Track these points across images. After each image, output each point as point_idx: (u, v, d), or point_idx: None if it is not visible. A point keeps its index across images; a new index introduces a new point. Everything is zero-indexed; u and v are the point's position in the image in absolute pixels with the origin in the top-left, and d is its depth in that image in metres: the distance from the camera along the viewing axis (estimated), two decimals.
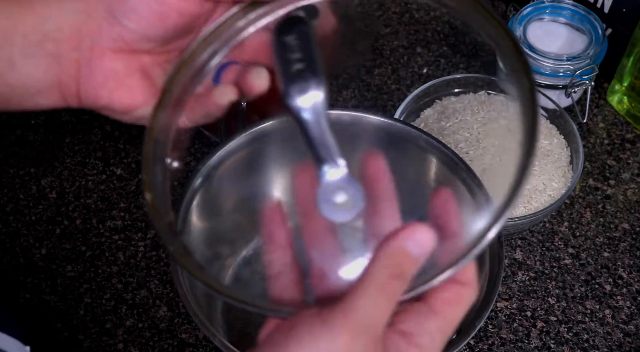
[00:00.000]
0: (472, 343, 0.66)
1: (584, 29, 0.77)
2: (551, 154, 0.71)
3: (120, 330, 0.66)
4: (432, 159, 0.63)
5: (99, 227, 0.72)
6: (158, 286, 0.68)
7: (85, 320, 0.67)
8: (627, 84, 0.78)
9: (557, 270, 0.70)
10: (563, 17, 0.78)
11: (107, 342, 0.66)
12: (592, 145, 0.78)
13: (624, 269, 0.70)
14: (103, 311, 0.67)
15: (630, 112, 0.79)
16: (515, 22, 0.77)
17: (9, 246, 0.70)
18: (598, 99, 0.82)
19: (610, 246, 0.72)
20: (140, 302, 0.68)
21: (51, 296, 0.68)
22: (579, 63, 0.74)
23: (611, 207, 0.74)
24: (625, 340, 0.67)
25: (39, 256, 0.70)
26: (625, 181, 0.76)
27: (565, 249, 0.72)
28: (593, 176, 0.76)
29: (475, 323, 0.54)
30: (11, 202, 0.73)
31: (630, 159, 0.77)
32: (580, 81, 0.75)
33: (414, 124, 0.74)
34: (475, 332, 0.55)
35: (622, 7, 0.76)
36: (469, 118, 0.73)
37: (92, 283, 0.69)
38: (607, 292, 0.69)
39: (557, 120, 0.73)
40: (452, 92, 0.76)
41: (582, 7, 0.77)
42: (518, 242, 0.72)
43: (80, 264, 0.70)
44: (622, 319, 0.68)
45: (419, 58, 0.85)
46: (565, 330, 0.67)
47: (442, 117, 0.74)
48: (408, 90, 0.81)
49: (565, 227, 0.73)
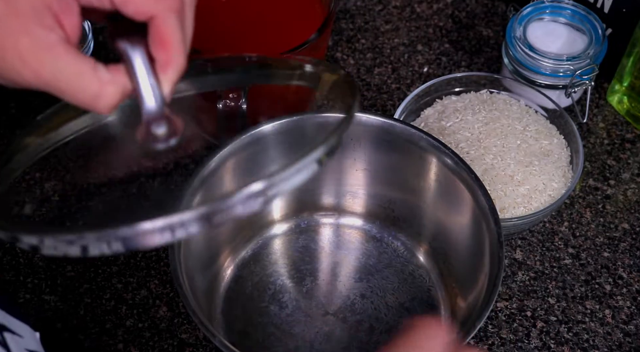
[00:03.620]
0: (472, 343, 0.66)
1: (584, 29, 0.77)
2: (551, 154, 0.71)
3: (120, 330, 0.66)
4: (432, 160, 0.63)
5: None
6: (158, 286, 0.68)
7: (85, 320, 0.67)
8: (627, 84, 0.78)
9: (557, 270, 0.70)
10: (563, 17, 0.78)
11: (107, 342, 0.66)
12: (592, 145, 0.78)
13: (624, 269, 0.71)
14: (103, 311, 0.67)
15: (630, 112, 0.79)
16: (515, 22, 0.77)
17: (9, 246, 0.70)
18: (598, 99, 0.82)
19: (610, 246, 0.72)
20: (140, 302, 0.68)
21: (51, 296, 0.68)
22: (579, 63, 0.74)
23: (611, 207, 0.74)
24: (625, 340, 0.67)
25: (39, 256, 0.70)
26: (625, 181, 0.76)
27: (565, 249, 0.72)
28: (593, 176, 0.76)
29: (475, 323, 0.54)
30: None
31: (630, 159, 0.77)
32: (580, 81, 0.75)
33: (415, 124, 0.74)
34: (475, 332, 0.55)
35: (622, 7, 0.76)
36: (470, 117, 0.73)
37: (92, 283, 0.69)
38: (607, 292, 0.69)
39: (557, 120, 0.73)
40: (453, 91, 0.76)
41: (582, 7, 0.77)
42: (518, 242, 0.72)
43: (80, 264, 0.70)
44: (622, 319, 0.68)
45: (420, 56, 0.85)
46: (565, 330, 0.67)
47: (443, 116, 0.74)
48: (408, 90, 0.81)
49: (565, 227, 0.73)
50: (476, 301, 0.58)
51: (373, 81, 0.82)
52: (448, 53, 0.85)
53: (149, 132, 0.42)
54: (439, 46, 0.86)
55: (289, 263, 0.69)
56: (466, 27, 0.87)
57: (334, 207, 0.71)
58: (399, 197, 0.68)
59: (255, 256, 0.69)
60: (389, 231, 0.70)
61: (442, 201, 0.65)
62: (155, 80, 0.41)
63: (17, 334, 0.45)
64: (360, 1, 0.89)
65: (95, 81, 0.40)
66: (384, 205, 0.69)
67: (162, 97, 0.42)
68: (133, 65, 0.41)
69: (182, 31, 0.42)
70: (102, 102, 0.41)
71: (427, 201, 0.66)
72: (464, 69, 0.84)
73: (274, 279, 0.68)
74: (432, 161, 0.63)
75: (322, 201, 0.70)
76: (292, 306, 0.66)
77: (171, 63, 0.42)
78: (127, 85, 0.41)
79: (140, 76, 0.41)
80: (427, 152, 0.63)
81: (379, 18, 0.88)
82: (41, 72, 0.40)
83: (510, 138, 0.71)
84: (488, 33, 0.87)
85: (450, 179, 0.62)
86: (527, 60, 0.75)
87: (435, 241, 0.67)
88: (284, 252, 0.69)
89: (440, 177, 0.64)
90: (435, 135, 0.71)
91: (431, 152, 0.63)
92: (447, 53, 0.85)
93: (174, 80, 0.42)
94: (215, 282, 0.66)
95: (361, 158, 0.67)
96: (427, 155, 0.63)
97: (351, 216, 0.71)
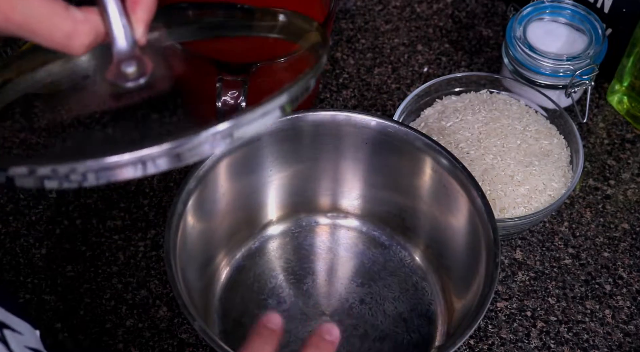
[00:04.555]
0: (472, 343, 0.66)
1: (584, 29, 0.77)
2: (551, 154, 0.71)
3: (120, 330, 0.66)
4: (430, 161, 0.63)
5: (99, 227, 0.72)
6: (158, 286, 0.69)
7: (85, 320, 0.67)
8: (627, 84, 0.78)
9: (557, 270, 0.70)
10: (563, 17, 0.78)
11: (107, 342, 0.66)
12: (592, 145, 0.78)
13: (624, 269, 0.71)
14: (103, 311, 0.67)
15: (630, 112, 0.79)
16: (515, 22, 0.77)
17: (9, 246, 0.70)
18: (598, 99, 0.82)
19: (610, 246, 0.72)
20: (140, 302, 0.68)
21: (51, 296, 0.68)
22: (579, 63, 0.74)
23: (611, 207, 0.74)
24: (625, 340, 0.67)
25: (39, 256, 0.70)
26: (625, 181, 0.76)
27: (565, 249, 0.72)
28: (593, 176, 0.76)
29: (472, 323, 0.54)
30: (11, 203, 0.73)
31: (630, 159, 0.77)
32: (580, 81, 0.75)
33: (415, 124, 0.74)
34: (473, 332, 0.55)
35: (622, 7, 0.76)
36: (470, 117, 0.73)
37: (92, 283, 0.69)
38: (607, 292, 0.69)
39: (557, 120, 0.73)
40: (453, 91, 0.76)
41: (582, 7, 0.77)
42: (518, 242, 0.72)
43: (80, 264, 0.70)
44: (622, 319, 0.68)
45: (420, 56, 0.85)
46: (565, 330, 0.67)
47: (443, 116, 0.74)
48: (408, 90, 0.81)
49: (565, 227, 0.73)
50: (472, 301, 0.58)
51: (373, 81, 0.82)
52: (448, 53, 0.85)
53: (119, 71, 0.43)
54: (439, 46, 0.86)
55: (292, 260, 0.69)
56: (466, 27, 0.87)
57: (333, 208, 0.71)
58: (397, 198, 0.68)
59: (258, 252, 0.69)
60: (397, 239, 0.69)
61: (437, 201, 0.65)
62: (126, 19, 0.42)
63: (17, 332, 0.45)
64: (360, 1, 0.89)
65: (69, 20, 0.40)
66: (382, 206, 0.69)
67: (132, 36, 0.42)
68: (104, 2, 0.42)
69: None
70: (76, 41, 0.41)
71: (423, 201, 0.66)
72: (464, 69, 0.84)
73: (276, 273, 0.68)
74: (429, 163, 0.63)
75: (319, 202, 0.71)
76: (289, 302, 0.66)
77: (139, 2, 0.42)
78: (100, 26, 0.42)
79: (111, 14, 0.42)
80: (424, 153, 0.63)
81: (379, 18, 0.88)
82: (12, 14, 0.39)
83: (510, 138, 0.71)
84: (488, 33, 0.87)
85: (447, 182, 0.62)
86: (527, 60, 0.75)
87: (431, 240, 0.67)
88: (285, 251, 0.70)
89: (436, 180, 0.63)
90: (435, 136, 0.72)
91: (429, 154, 0.63)
92: (447, 53, 0.85)
93: (144, 19, 0.43)
94: (217, 272, 0.67)
95: (358, 158, 0.67)
96: (424, 157, 0.63)
97: (350, 217, 0.71)
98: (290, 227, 0.71)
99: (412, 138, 0.63)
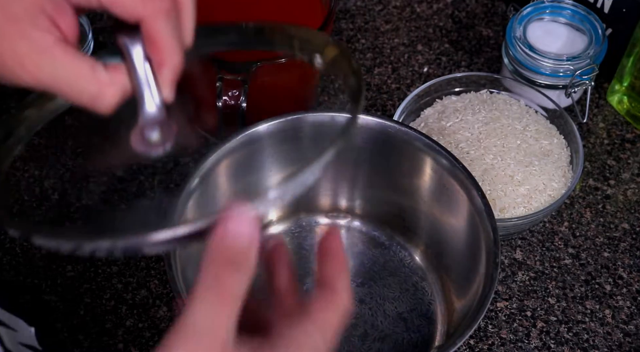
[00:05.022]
0: (472, 343, 0.66)
1: (584, 29, 0.77)
2: (551, 154, 0.71)
3: (120, 330, 0.66)
4: (430, 161, 0.63)
5: None
6: (158, 286, 0.68)
7: (85, 320, 0.67)
8: (627, 84, 0.78)
9: (557, 270, 0.70)
10: (563, 17, 0.78)
11: (107, 342, 0.66)
12: (592, 145, 0.78)
13: (624, 269, 0.71)
14: (103, 311, 0.67)
15: (630, 112, 0.79)
16: (515, 22, 0.77)
17: (9, 246, 0.70)
18: (598, 99, 0.82)
19: (610, 246, 0.72)
20: (140, 302, 0.68)
21: (51, 296, 0.68)
22: (579, 63, 0.74)
23: (611, 207, 0.74)
24: (625, 340, 0.67)
25: (39, 256, 0.70)
26: (625, 181, 0.76)
27: (565, 249, 0.72)
28: (593, 176, 0.76)
29: (472, 323, 0.54)
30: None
31: (630, 159, 0.77)
32: (580, 81, 0.75)
33: (415, 124, 0.74)
34: (473, 332, 0.55)
35: (622, 7, 0.76)
36: (470, 117, 0.73)
37: (92, 283, 0.69)
38: (607, 292, 0.69)
39: (557, 120, 0.73)
40: (453, 91, 0.76)
41: (582, 7, 0.77)
42: (518, 242, 0.72)
43: (80, 264, 0.70)
44: (622, 319, 0.68)
45: (420, 56, 0.85)
46: (565, 330, 0.67)
47: (443, 116, 0.74)
48: (408, 90, 0.81)
49: (565, 227, 0.73)
50: (472, 301, 0.58)
51: (373, 81, 0.82)
52: (448, 53, 0.85)
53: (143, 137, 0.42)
54: (439, 46, 0.86)
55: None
56: (466, 27, 0.87)
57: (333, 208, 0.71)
58: (397, 198, 0.68)
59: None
60: (397, 239, 0.69)
61: (437, 201, 0.65)
62: (155, 83, 0.42)
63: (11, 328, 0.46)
64: (360, 1, 0.89)
65: (94, 83, 0.40)
66: (382, 206, 0.69)
67: (160, 99, 0.42)
68: (132, 63, 0.41)
69: (174, 31, 0.42)
70: (102, 102, 0.41)
71: (423, 201, 0.66)
72: (464, 69, 0.84)
73: None
74: (429, 163, 0.63)
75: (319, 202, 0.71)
76: None
77: (165, 64, 0.42)
78: (127, 85, 0.41)
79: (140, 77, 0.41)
80: (424, 154, 0.63)
81: (379, 18, 0.88)
82: (40, 75, 0.40)
83: (510, 138, 0.71)
84: (488, 33, 0.87)
85: (447, 182, 0.62)
86: (527, 60, 0.75)
87: (431, 240, 0.67)
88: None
89: (436, 180, 0.63)
90: (435, 136, 0.71)
91: (428, 154, 0.63)
92: (447, 53, 0.85)
93: (170, 79, 0.42)
94: None
95: (358, 158, 0.66)
96: (424, 157, 0.63)
97: (350, 217, 0.71)
98: (290, 227, 0.71)
99: (412, 138, 0.63)
